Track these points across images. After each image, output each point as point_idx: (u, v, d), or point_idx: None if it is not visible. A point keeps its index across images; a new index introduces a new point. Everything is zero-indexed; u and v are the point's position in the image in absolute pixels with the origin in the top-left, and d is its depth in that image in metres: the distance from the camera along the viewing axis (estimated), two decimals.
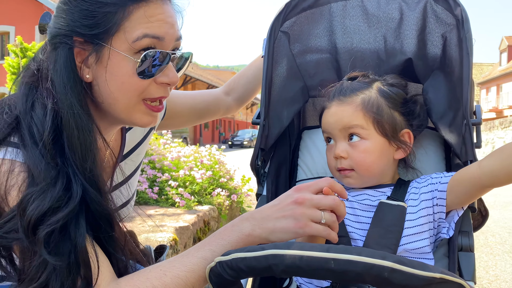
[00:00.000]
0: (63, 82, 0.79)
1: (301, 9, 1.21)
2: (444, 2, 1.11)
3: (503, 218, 4.71)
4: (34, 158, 0.75)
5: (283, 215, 0.79)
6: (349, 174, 1.04)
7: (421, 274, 0.59)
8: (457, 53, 1.07)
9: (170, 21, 0.84)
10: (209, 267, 0.73)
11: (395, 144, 1.04)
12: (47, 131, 0.77)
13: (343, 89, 1.08)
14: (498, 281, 2.84)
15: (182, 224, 2.77)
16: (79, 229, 0.74)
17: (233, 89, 1.47)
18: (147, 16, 0.80)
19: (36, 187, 0.73)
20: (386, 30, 1.19)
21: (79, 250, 0.72)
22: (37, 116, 0.78)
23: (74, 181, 0.77)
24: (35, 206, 0.72)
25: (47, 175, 0.75)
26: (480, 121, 1.01)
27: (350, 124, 1.03)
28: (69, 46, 0.79)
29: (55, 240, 0.72)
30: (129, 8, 0.79)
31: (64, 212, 0.73)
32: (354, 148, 1.03)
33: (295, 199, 0.79)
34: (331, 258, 0.60)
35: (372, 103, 1.03)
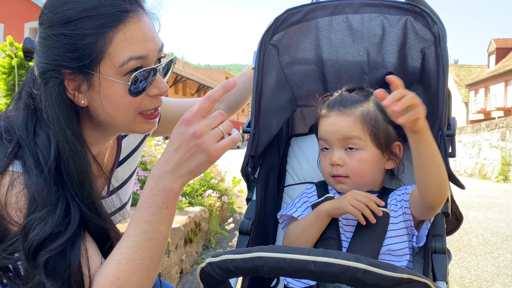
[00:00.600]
0: (57, 116, 0.82)
1: (289, 23, 1.28)
2: (423, 20, 1.19)
3: (487, 220, 4.83)
4: (38, 184, 0.79)
5: (192, 154, 0.79)
6: (343, 181, 1.12)
7: (391, 275, 0.67)
8: (434, 67, 1.15)
9: (150, 36, 0.86)
10: (200, 267, 0.79)
11: (387, 155, 1.13)
12: (52, 158, 0.81)
13: (343, 101, 1.14)
14: (479, 280, 2.94)
15: (173, 225, 2.82)
16: (74, 250, 0.79)
17: (225, 97, 1.53)
18: (127, 38, 0.82)
19: (38, 213, 0.78)
20: (369, 44, 1.26)
21: (72, 271, 0.77)
22: (42, 143, 0.82)
23: (72, 206, 0.81)
24: (37, 232, 0.76)
25: (49, 201, 0.79)
26: (453, 133, 1.09)
27: (349, 135, 1.10)
28: (59, 79, 0.82)
29: (53, 263, 0.77)
30: (108, 34, 0.81)
31: (64, 239, 0.78)
32: (350, 157, 1.11)
33: (193, 134, 0.78)
34: (311, 260, 0.67)
35: (371, 116, 1.11)
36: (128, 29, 0.82)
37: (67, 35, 0.80)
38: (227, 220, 4.02)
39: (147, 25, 0.86)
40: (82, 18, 0.80)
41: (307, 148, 1.38)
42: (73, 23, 0.80)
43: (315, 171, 1.33)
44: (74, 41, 0.80)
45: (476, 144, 10.90)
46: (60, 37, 0.81)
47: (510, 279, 2.94)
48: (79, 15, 0.80)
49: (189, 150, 0.79)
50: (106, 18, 0.81)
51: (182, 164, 0.80)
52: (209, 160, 0.80)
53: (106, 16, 0.81)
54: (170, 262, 2.64)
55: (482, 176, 10.29)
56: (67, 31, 0.80)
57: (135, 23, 0.83)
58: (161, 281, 1.14)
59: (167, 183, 0.80)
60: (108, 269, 0.78)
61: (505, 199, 6.39)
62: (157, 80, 0.89)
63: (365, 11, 1.25)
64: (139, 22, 0.84)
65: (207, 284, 0.80)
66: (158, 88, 0.89)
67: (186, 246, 3.03)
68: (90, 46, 0.80)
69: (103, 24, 0.80)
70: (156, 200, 0.80)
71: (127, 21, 0.82)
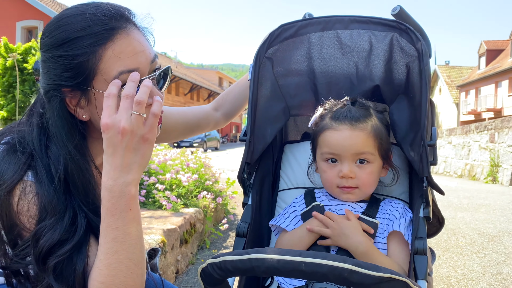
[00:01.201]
0: (59, 131, 0.89)
1: (283, 38, 1.36)
2: (407, 36, 1.27)
3: (474, 220, 4.95)
4: (49, 194, 0.86)
5: (130, 149, 0.82)
6: (352, 192, 1.19)
7: (374, 274, 0.75)
8: (418, 81, 1.23)
9: (140, 49, 0.90)
10: (200, 267, 0.86)
11: (386, 164, 1.23)
12: (61, 170, 0.88)
13: (354, 115, 1.18)
14: (465, 279, 3.04)
15: (169, 226, 2.88)
16: (80, 256, 0.86)
17: (221, 105, 1.61)
18: (116, 54, 0.87)
19: (48, 220, 0.85)
20: (357, 58, 1.35)
21: (76, 275, 0.84)
22: (54, 155, 0.89)
23: (79, 214, 0.88)
24: (47, 238, 0.83)
25: (58, 210, 0.86)
26: (434, 143, 1.17)
27: (363, 150, 1.16)
28: (59, 98, 0.88)
29: (61, 267, 0.84)
30: (98, 52, 0.86)
31: (71, 244, 0.85)
32: (361, 170, 1.18)
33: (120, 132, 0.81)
34: (302, 261, 0.75)
35: (379, 131, 1.19)
36: (116, 45, 0.87)
37: (61, 56, 0.87)
38: (221, 221, 4.09)
39: (135, 40, 0.90)
40: (73, 39, 0.86)
41: (300, 154, 1.46)
42: (66, 45, 0.87)
43: (307, 176, 1.41)
44: (68, 61, 0.86)
45: (466, 146, 11.07)
46: (56, 59, 0.87)
47: (495, 278, 3.05)
48: (71, 36, 0.86)
49: (126, 147, 0.82)
50: (95, 37, 0.86)
51: (127, 163, 0.83)
52: (148, 144, 0.84)
53: (95, 35, 0.86)
54: (166, 262, 2.71)
55: (472, 177, 10.47)
56: (61, 52, 0.87)
57: (123, 39, 0.88)
58: (163, 281, 1.21)
59: (122, 188, 0.83)
60: (93, 275, 0.84)
61: (493, 200, 6.53)
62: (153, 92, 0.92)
63: (354, 27, 1.33)
64: (127, 37, 0.89)
65: (207, 283, 0.87)
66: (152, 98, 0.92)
67: (182, 247, 3.10)
68: (82, 64, 0.86)
69: (92, 43, 0.86)
70: (117, 207, 0.83)
71: (115, 37, 0.87)
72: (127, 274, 0.85)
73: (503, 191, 7.77)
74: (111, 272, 0.83)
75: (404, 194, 1.33)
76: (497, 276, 3.10)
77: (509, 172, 8.83)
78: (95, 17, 0.88)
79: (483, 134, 10.15)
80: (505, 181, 8.93)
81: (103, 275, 0.84)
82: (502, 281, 3.00)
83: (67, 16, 0.90)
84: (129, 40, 0.89)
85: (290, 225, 1.23)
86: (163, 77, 0.98)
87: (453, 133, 12.01)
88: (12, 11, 16.08)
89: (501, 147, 9.22)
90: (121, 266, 0.84)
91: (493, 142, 9.62)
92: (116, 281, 0.83)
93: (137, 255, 0.86)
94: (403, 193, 1.33)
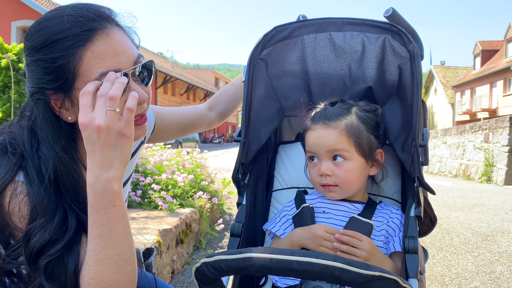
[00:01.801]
0: (46, 133, 0.90)
1: (277, 39, 1.37)
2: (400, 38, 1.29)
3: (469, 220, 4.99)
4: (39, 195, 0.87)
5: (108, 146, 0.83)
6: (333, 189, 1.22)
7: (365, 272, 0.76)
8: (410, 82, 1.24)
9: (121, 49, 0.89)
10: (195, 267, 0.87)
11: (371, 162, 1.23)
12: (51, 170, 0.88)
13: (328, 114, 1.23)
14: (459, 278, 3.07)
15: (165, 226, 2.89)
16: (71, 255, 0.86)
17: (215, 105, 1.62)
18: (96, 55, 0.86)
19: (39, 221, 0.85)
20: (350, 60, 1.36)
21: (68, 274, 0.85)
22: (44, 156, 0.90)
23: (70, 214, 0.89)
24: (37, 239, 0.84)
25: (48, 210, 0.87)
26: (425, 144, 1.19)
27: (335, 147, 1.19)
28: (44, 100, 0.89)
29: (52, 267, 0.84)
30: (78, 54, 0.85)
31: (62, 244, 0.85)
32: (338, 167, 1.20)
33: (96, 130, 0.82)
34: (294, 260, 0.76)
35: (354, 128, 1.20)
36: (96, 46, 0.86)
37: (42, 59, 0.87)
38: (217, 221, 4.10)
39: (115, 40, 0.89)
40: (53, 42, 0.86)
41: (294, 155, 1.48)
42: (46, 48, 0.87)
43: (301, 176, 1.43)
44: (49, 64, 0.87)
45: (461, 146, 11.14)
46: (38, 62, 0.88)
47: (488, 277, 3.08)
48: (50, 39, 0.86)
49: (104, 144, 0.83)
50: (73, 39, 0.86)
51: (106, 160, 0.83)
52: (126, 139, 0.84)
53: (73, 37, 0.86)
54: (162, 262, 2.72)
55: (466, 177, 10.53)
56: (42, 55, 0.87)
57: (103, 40, 0.88)
58: (157, 280, 1.22)
59: (104, 185, 0.83)
60: (84, 271, 0.85)
61: (487, 199, 6.58)
62: (132, 88, 0.92)
63: (347, 29, 1.34)
64: (107, 38, 0.88)
65: (201, 282, 0.89)
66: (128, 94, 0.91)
67: (178, 247, 3.10)
68: (63, 67, 0.86)
69: (71, 45, 0.86)
70: (101, 204, 0.84)
71: (94, 38, 0.87)
72: (116, 270, 0.85)
73: (497, 190, 7.83)
74: (100, 268, 0.84)
75: (396, 194, 1.34)
76: (490, 275, 3.12)
77: (503, 172, 8.89)
78: (73, 19, 0.87)
79: (477, 134, 10.22)
80: (499, 180, 8.99)
81: (92, 271, 0.84)
82: (495, 279, 3.03)
83: (46, 20, 0.90)
84: (109, 41, 0.88)
85: (281, 229, 1.25)
86: (147, 74, 0.97)
87: (448, 133, 12.08)
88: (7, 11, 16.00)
89: (496, 147, 9.29)
90: (110, 262, 0.84)
91: (487, 142, 9.69)
92: (106, 277, 0.84)
93: (126, 251, 0.87)
94: (396, 193, 1.34)
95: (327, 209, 1.24)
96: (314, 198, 1.29)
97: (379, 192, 1.34)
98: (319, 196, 1.29)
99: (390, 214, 1.21)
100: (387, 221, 1.20)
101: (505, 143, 8.90)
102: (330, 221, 1.21)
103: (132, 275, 0.89)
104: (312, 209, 1.23)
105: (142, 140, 1.30)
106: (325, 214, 1.23)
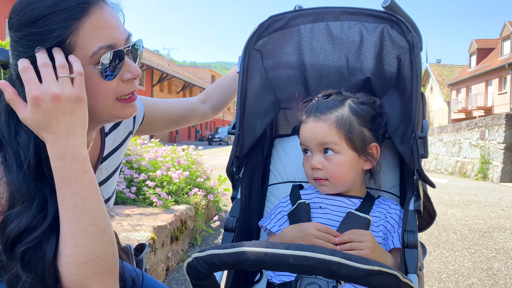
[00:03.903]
0: None
1: (273, 29, 1.33)
2: (398, 28, 1.25)
3: (465, 216, 4.98)
4: (17, 182, 0.83)
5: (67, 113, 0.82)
6: (324, 183, 1.19)
7: (363, 267, 0.73)
8: (409, 73, 1.21)
9: (116, 25, 0.90)
10: (186, 262, 0.84)
11: (364, 156, 1.19)
12: (32, 156, 0.85)
13: (319, 107, 1.20)
14: (456, 275, 3.05)
15: (159, 223, 2.85)
16: (49, 243, 0.82)
17: (209, 98, 1.58)
18: (93, 28, 0.86)
19: (16, 208, 0.82)
20: (348, 51, 1.33)
21: (46, 263, 0.81)
22: (23, 142, 0.86)
23: (50, 201, 0.85)
24: (13, 226, 0.81)
25: (26, 197, 0.83)
26: (425, 135, 1.16)
27: (325, 140, 1.16)
28: None
29: (29, 256, 0.81)
30: (74, 26, 0.84)
31: (39, 232, 0.81)
32: (328, 161, 1.17)
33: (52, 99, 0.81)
34: (290, 254, 0.72)
35: (345, 121, 1.16)
36: (92, 20, 0.86)
37: (36, 33, 0.84)
38: (212, 218, 4.07)
39: (110, 15, 0.90)
40: (47, 15, 0.83)
41: (290, 148, 1.44)
42: (40, 21, 0.84)
43: (297, 170, 1.39)
44: (43, 37, 0.84)
45: (457, 143, 11.16)
46: (30, 35, 0.84)
47: (485, 273, 3.07)
48: (44, 12, 0.84)
49: (65, 112, 0.82)
50: (70, 11, 0.84)
51: (71, 127, 0.82)
52: (83, 103, 0.84)
53: (70, 10, 0.84)
54: (157, 259, 2.68)
55: (462, 174, 10.55)
56: (35, 29, 0.84)
57: (98, 13, 0.87)
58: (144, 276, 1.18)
59: (73, 152, 0.82)
60: (60, 251, 0.81)
61: (483, 196, 6.58)
62: (128, 64, 0.92)
63: (344, 18, 1.31)
64: (102, 12, 0.88)
65: (193, 278, 0.85)
66: (131, 72, 0.93)
67: (172, 244, 3.07)
68: (58, 39, 0.84)
69: (68, 17, 0.84)
70: (73, 172, 0.82)
71: (90, 12, 0.86)
72: (95, 242, 0.81)
73: (493, 188, 7.84)
74: (77, 242, 0.80)
75: (395, 188, 1.31)
76: (487, 271, 3.11)
77: (499, 169, 8.91)
78: None
79: (473, 132, 10.23)
80: (495, 178, 9.01)
81: (69, 247, 0.80)
82: (492, 276, 3.01)
83: None
84: (104, 15, 0.88)
85: (276, 226, 1.22)
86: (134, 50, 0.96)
87: (444, 130, 12.10)
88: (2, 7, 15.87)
89: (492, 144, 9.30)
90: (87, 233, 0.80)
91: (483, 140, 9.70)
92: (84, 251, 0.80)
93: (101, 220, 0.83)
94: (394, 186, 1.31)
95: (323, 204, 1.20)
96: (311, 193, 1.26)
97: (376, 186, 1.31)
98: (316, 191, 1.25)
99: (388, 209, 1.18)
100: (385, 216, 1.17)
101: (501, 141, 8.91)
102: (327, 217, 1.17)
103: (112, 248, 0.84)
104: (308, 205, 1.19)
105: (130, 130, 1.26)
106: (322, 210, 1.19)
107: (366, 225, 1.13)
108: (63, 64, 0.82)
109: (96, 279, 0.80)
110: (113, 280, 0.84)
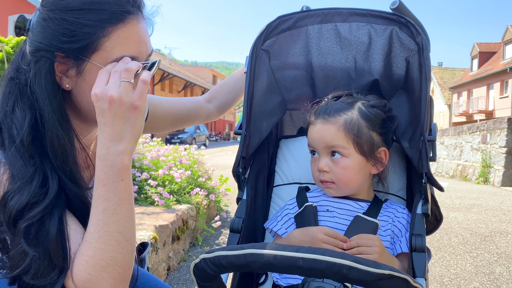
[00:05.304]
0: (44, 93, 0.86)
1: (280, 30, 1.33)
2: (407, 30, 1.25)
3: (467, 220, 4.97)
4: (12, 158, 0.84)
5: (120, 118, 0.82)
6: (330, 186, 1.18)
7: (374, 271, 0.72)
8: (418, 75, 1.20)
9: (144, 40, 0.92)
10: (193, 263, 0.83)
11: (372, 161, 1.18)
12: (26, 133, 0.85)
13: (328, 109, 1.19)
14: (458, 279, 3.04)
15: (161, 222, 2.84)
16: (51, 220, 0.82)
17: (214, 97, 1.57)
18: (124, 38, 0.87)
19: (15, 184, 0.82)
20: (356, 52, 1.32)
21: (50, 239, 0.81)
22: (17, 119, 0.86)
23: (51, 178, 0.85)
24: (14, 201, 0.81)
25: (24, 173, 0.83)
26: (434, 138, 1.15)
27: (332, 143, 1.15)
28: (50, 60, 0.86)
29: (34, 231, 0.81)
30: (108, 30, 0.86)
31: (41, 207, 0.81)
32: (335, 164, 1.16)
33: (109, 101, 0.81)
34: (299, 257, 0.71)
35: (353, 125, 1.15)
36: (126, 29, 0.88)
37: (68, 21, 0.85)
38: (214, 218, 4.06)
39: (143, 30, 0.92)
40: (86, 10, 0.85)
41: (296, 149, 1.43)
42: (77, 12, 0.85)
43: (303, 171, 1.39)
44: (74, 28, 0.85)
45: (458, 146, 11.14)
46: (61, 21, 0.85)
47: (487, 277, 3.05)
48: (84, 6, 0.86)
49: (115, 116, 0.82)
50: (109, 14, 0.86)
51: (118, 132, 0.83)
52: (138, 112, 0.84)
53: (109, 13, 0.86)
54: (158, 259, 2.67)
55: (463, 177, 10.53)
56: (69, 17, 0.85)
57: (133, 25, 0.89)
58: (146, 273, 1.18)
59: (113, 158, 0.82)
60: (82, 249, 0.82)
61: (484, 200, 6.57)
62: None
63: (353, 20, 1.30)
64: (137, 25, 0.90)
65: (200, 279, 0.84)
66: None
67: (174, 244, 3.06)
68: (87, 35, 0.85)
69: (105, 19, 0.86)
70: (109, 177, 0.82)
71: (127, 21, 0.88)
72: (117, 249, 0.82)
73: (494, 191, 7.82)
74: (100, 245, 0.81)
75: (401, 191, 1.30)
76: (489, 275, 3.10)
77: (500, 173, 8.89)
78: None
79: (475, 135, 10.21)
80: (496, 182, 8.99)
81: (92, 249, 0.81)
82: (494, 280, 3.00)
83: None
84: (138, 28, 0.90)
85: (282, 228, 1.21)
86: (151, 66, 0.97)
87: (446, 133, 12.08)
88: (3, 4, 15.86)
89: (493, 148, 9.29)
90: (111, 239, 0.82)
91: (485, 143, 9.68)
92: (105, 256, 0.81)
93: (128, 229, 0.84)
94: (401, 189, 1.30)
95: (331, 208, 1.19)
96: (318, 195, 1.24)
97: (383, 189, 1.30)
98: (323, 194, 1.24)
99: (396, 213, 1.17)
100: (393, 220, 1.15)
101: (503, 144, 8.90)
102: (334, 220, 1.16)
103: (131, 256, 0.86)
104: (315, 208, 1.18)
105: None
106: (329, 213, 1.18)
107: (374, 229, 1.12)
108: (128, 68, 0.84)
109: (110, 284, 0.82)
110: (124, 287, 0.85)
